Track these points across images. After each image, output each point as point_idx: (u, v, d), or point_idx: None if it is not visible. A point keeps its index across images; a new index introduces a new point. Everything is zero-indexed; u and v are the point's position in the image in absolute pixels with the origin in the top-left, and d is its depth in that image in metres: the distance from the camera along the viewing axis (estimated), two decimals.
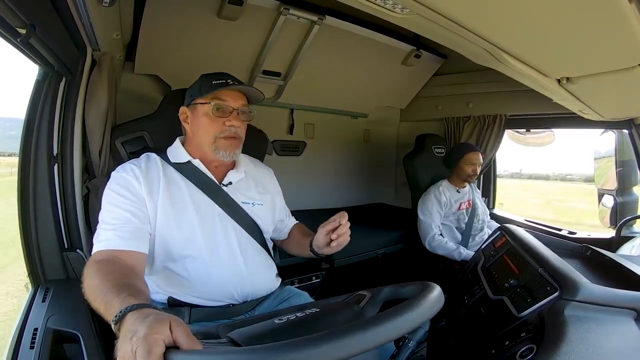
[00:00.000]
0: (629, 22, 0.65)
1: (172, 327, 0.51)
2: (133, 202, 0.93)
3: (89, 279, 0.74)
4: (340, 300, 0.80)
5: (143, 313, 0.54)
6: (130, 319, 0.54)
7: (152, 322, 0.51)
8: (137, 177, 0.96)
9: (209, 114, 1.01)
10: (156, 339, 0.48)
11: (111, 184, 0.95)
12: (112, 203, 0.92)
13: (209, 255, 0.99)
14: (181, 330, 0.51)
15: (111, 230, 0.87)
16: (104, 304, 0.63)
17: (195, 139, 1.05)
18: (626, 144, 1.91)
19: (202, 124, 1.02)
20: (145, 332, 0.49)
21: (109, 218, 0.90)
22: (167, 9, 1.46)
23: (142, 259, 0.89)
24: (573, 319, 0.76)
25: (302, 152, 2.63)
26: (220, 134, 1.02)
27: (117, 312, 0.56)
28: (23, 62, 0.95)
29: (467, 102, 2.52)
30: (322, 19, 1.73)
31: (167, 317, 0.52)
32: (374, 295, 0.77)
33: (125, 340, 0.50)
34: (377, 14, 0.74)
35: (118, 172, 0.97)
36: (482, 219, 2.19)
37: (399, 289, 0.75)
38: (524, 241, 1.19)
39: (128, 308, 0.56)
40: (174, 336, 0.50)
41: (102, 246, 0.85)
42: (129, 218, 0.90)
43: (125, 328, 0.53)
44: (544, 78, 1.05)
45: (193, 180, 1.03)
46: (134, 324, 0.52)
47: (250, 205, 1.10)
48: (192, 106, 1.05)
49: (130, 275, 0.76)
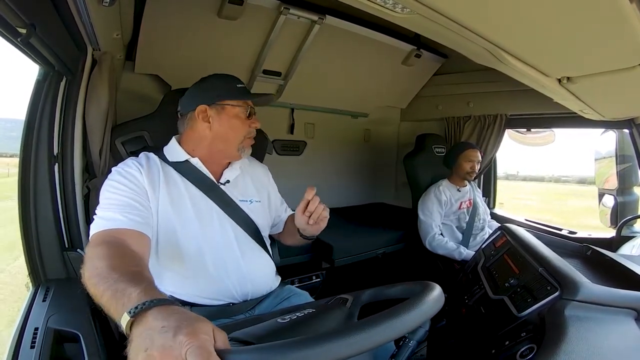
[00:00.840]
0: (629, 22, 0.65)
1: (214, 331, 0.46)
2: (137, 193, 0.92)
3: (95, 259, 0.67)
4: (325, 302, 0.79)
5: (177, 310, 0.49)
6: (162, 314, 0.48)
7: (198, 321, 0.46)
8: (140, 171, 0.96)
9: (240, 116, 1.06)
10: (208, 340, 0.44)
11: (113, 176, 0.94)
12: (115, 192, 0.89)
13: (208, 254, 0.99)
14: (222, 337, 0.47)
15: (117, 212, 0.83)
16: (111, 292, 0.56)
17: (217, 138, 1.05)
18: (627, 143, 1.91)
19: (233, 125, 1.06)
20: (192, 329, 0.44)
21: (111, 204, 0.86)
22: (168, 8, 1.46)
23: (149, 246, 0.85)
24: (573, 318, 0.76)
25: (303, 152, 2.63)
26: (248, 134, 1.09)
27: (138, 304, 0.50)
28: (23, 62, 0.95)
29: (468, 101, 2.51)
30: (323, 18, 1.73)
31: (207, 320, 0.48)
32: (356, 298, 0.76)
33: (161, 336, 0.44)
34: (377, 14, 0.74)
35: (120, 166, 0.97)
36: (483, 218, 2.19)
37: (387, 290, 0.75)
38: (524, 241, 1.19)
39: (155, 301, 0.50)
40: (215, 341, 0.45)
41: (110, 225, 0.80)
42: (134, 205, 0.88)
43: (156, 322, 0.47)
44: (544, 78, 1.05)
45: (191, 179, 1.04)
46: (170, 319, 0.46)
47: (247, 203, 1.11)
48: (217, 106, 1.04)
49: (141, 265, 0.70)
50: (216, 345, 0.45)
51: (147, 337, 0.45)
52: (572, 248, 1.26)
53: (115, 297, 0.55)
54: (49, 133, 1.11)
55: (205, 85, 1.08)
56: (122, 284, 0.57)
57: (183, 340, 0.42)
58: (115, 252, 0.70)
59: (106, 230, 0.80)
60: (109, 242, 0.75)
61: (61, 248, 1.15)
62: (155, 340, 0.44)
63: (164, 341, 0.43)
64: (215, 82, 1.07)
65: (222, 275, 1.01)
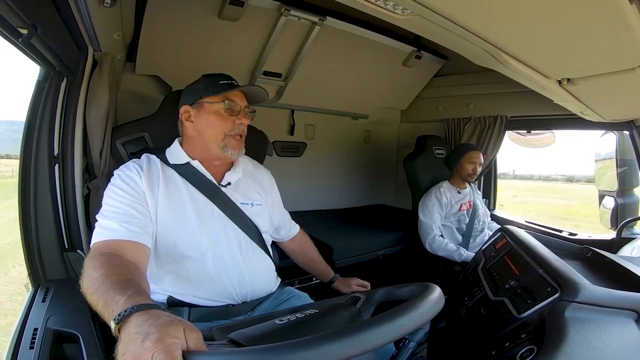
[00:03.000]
0: (629, 23, 0.65)
1: (185, 332, 0.48)
2: (136, 199, 0.93)
3: (91, 270, 0.70)
4: (337, 302, 0.80)
5: (153, 314, 0.51)
6: (139, 320, 0.50)
7: (167, 326, 0.48)
8: (140, 175, 0.96)
9: (219, 112, 1.03)
10: (175, 343, 0.46)
11: (115, 181, 0.95)
12: (115, 199, 0.91)
13: (208, 256, 0.99)
14: (195, 337, 0.49)
15: (116, 221, 0.85)
16: (103, 300, 0.60)
17: (200, 137, 1.05)
18: (627, 145, 1.91)
19: (211, 121, 1.03)
20: (159, 335, 0.46)
21: (112, 212, 0.88)
22: (168, 9, 1.47)
23: (147, 254, 0.87)
24: (573, 320, 0.76)
25: (303, 153, 2.64)
26: (231, 131, 1.04)
27: (121, 311, 0.53)
28: (24, 63, 0.96)
29: (468, 103, 2.52)
30: (323, 19, 1.73)
31: (180, 321, 0.50)
32: (368, 297, 0.77)
33: (133, 342, 0.47)
34: (377, 15, 0.74)
35: (121, 170, 0.98)
36: (482, 220, 2.19)
37: (396, 290, 0.75)
38: (524, 242, 1.18)
39: (135, 307, 0.53)
40: (187, 342, 0.48)
41: (109, 235, 0.83)
42: (133, 214, 0.89)
43: (132, 329, 0.49)
44: (544, 79, 1.05)
45: (192, 182, 1.04)
46: (143, 325, 0.49)
47: (249, 205, 1.10)
48: (197, 104, 1.04)
49: (134, 273, 0.73)
50: (189, 346, 0.47)
51: (125, 342, 0.49)
52: (572, 249, 1.26)
53: (106, 305, 0.59)
54: (49, 134, 1.12)
55: (191, 86, 1.09)
56: (112, 292, 0.60)
57: (149, 346, 0.45)
58: (110, 262, 0.74)
59: (105, 241, 0.83)
60: (106, 253, 0.78)
61: (61, 249, 1.15)
62: (129, 346, 0.47)
63: (135, 347, 0.46)
64: (199, 81, 1.07)
65: (222, 276, 1.01)
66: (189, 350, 0.46)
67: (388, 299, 0.77)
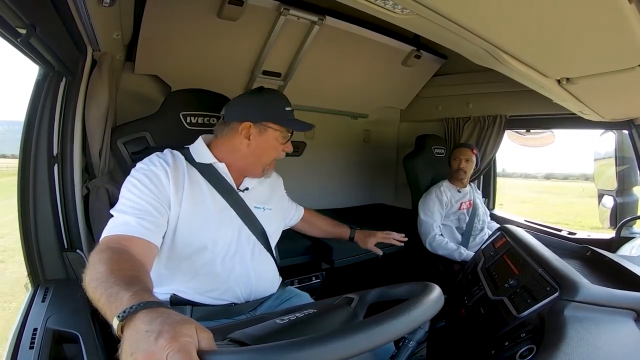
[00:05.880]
0: (629, 23, 0.66)
1: (197, 331, 0.46)
2: (157, 197, 0.92)
3: (97, 264, 0.68)
4: (330, 303, 0.79)
5: (162, 312, 0.49)
6: (147, 317, 0.48)
7: (180, 324, 0.46)
8: (166, 172, 0.95)
9: (278, 140, 1.07)
10: (189, 342, 0.44)
11: (137, 174, 0.93)
12: (135, 193, 0.90)
13: (219, 255, 1.01)
14: (206, 337, 0.47)
15: (133, 217, 0.85)
16: (106, 296, 0.57)
17: (252, 156, 1.06)
18: (626, 145, 1.91)
19: (269, 147, 1.07)
20: (174, 333, 0.44)
21: (129, 207, 0.87)
22: (168, 9, 1.46)
23: (154, 253, 0.87)
24: (573, 319, 0.76)
25: (302, 153, 2.63)
26: (278, 157, 1.11)
27: (127, 307, 0.50)
28: (24, 63, 0.95)
29: (467, 102, 2.52)
30: (322, 19, 1.73)
31: (191, 321, 0.48)
32: (362, 297, 0.77)
33: (145, 340, 0.45)
34: (377, 15, 0.74)
35: (145, 163, 0.97)
36: (482, 219, 2.19)
37: (390, 291, 0.75)
38: (523, 242, 1.18)
39: (141, 304, 0.50)
40: (199, 341, 0.46)
41: (122, 230, 0.82)
42: (150, 211, 0.89)
43: (141, 326, 0.47)
44: (543, 78, 1.05)
45: (213, 183, 1.04)
46: (154, 323, 0.46)
47: (261, 210, 1.12)
48: (261, 126, 1.04)
49: (140, 270, 0.71)
50: (200, 345, 0.45)
51: (133, 341, 0.46)
52: (572, 249, 1.26)
53: (109, 301, 0.56)
54: (48, 133, 1.11)
55: (255, 101, 1.07)
56: (117, 288, 0.58)
57: (164, 344, 0.43)
58: (116, 257, 0.72)
59: (114, 236, 0.81)
60: (113, 247, 0.77)
61: (60, 249, 1.15)
62: (139, 345, 0.45)
63: (147, 345, 0.44)
64: (266, 100, 1.07)
65: (229, 276, 1.02)
66: (201, 349, 0.45)
67: (382, 299, 0.76)
